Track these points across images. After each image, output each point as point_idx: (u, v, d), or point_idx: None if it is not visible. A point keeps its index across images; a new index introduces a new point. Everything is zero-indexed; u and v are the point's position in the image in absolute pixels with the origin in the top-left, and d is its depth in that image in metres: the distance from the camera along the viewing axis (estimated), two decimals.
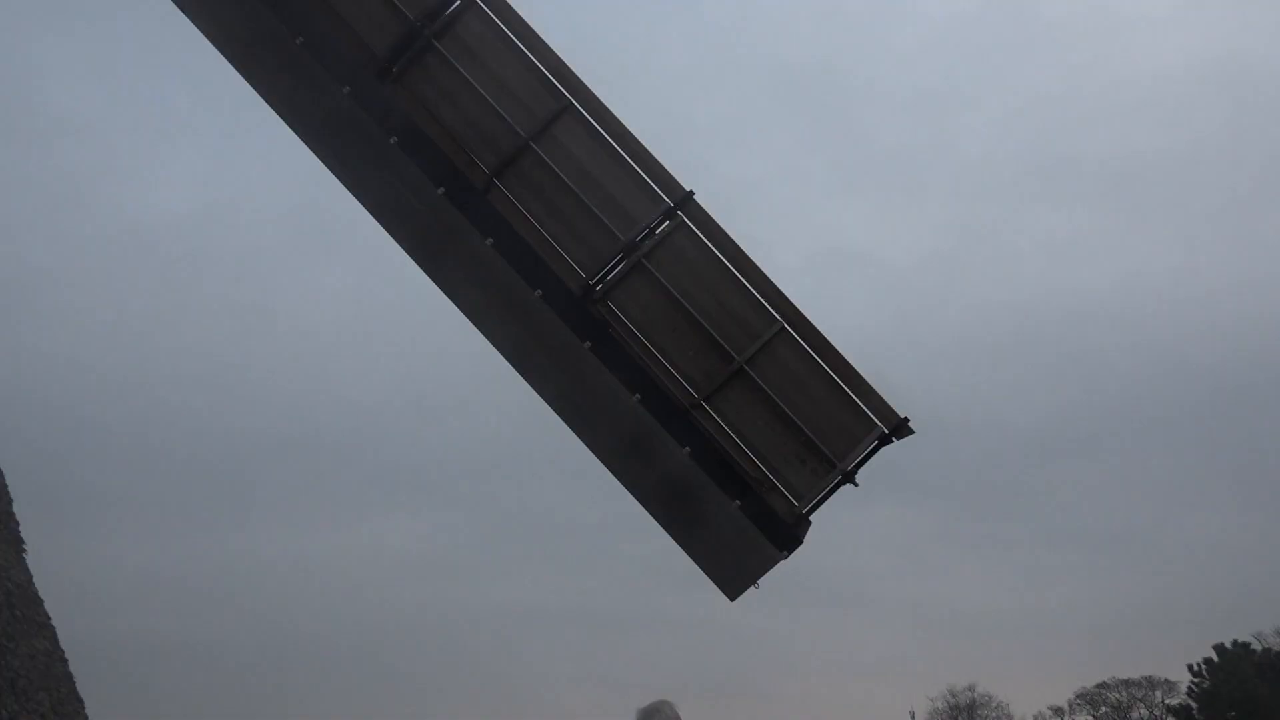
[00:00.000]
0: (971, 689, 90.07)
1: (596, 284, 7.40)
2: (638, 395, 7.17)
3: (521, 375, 7.52)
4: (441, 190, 7.40)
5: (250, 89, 7.78)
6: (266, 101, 7.75)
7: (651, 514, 7.41)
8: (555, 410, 7.52)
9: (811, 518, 7.19)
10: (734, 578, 7.39)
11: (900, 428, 7.04)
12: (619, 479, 7.47)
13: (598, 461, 7.50)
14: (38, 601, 7.25)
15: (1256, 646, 26.85)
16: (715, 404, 7.21)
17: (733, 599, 7.42)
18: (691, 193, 7.32)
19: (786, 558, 7.12)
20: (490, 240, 7.34)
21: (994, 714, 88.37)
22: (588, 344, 7.23)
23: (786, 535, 7.09)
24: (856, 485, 7.07)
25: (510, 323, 7.52)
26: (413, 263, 7.69)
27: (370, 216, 7.75)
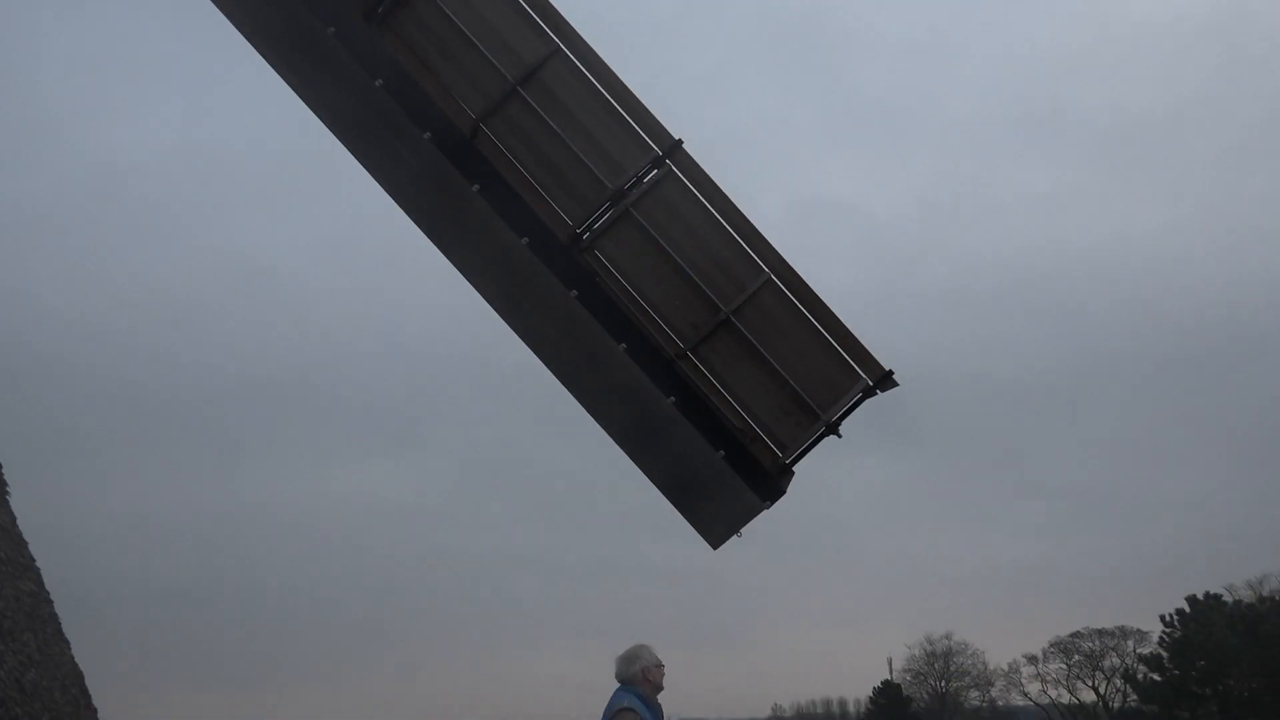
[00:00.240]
0: (948, 637, 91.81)
1: (584, 232, 7.35)
2: (624, 345, 7.17)
3: (507, 323, 7.51)
4: (427, 135, 7.30)
5: (235, 30, 7.63)
6: (249, 41, 7.61)
7: (636, 463, 7.45)
8: (540, 359, 7.52)
9: (794, 468, 7.24)
10: (716, 527, 7.46)
11: (884, 380, 7.08)
12: (603, 428, 7.50)
13: (582, 411, 7.53)
14: (21, 544, 7.26)
15: (1228, 599, 27.37)
16: (701, 354, 7.22)
17: (715, 548, 7.50)
18: (680, 141, 7.26)
19: (769, 507, 7.19)
20: (477, 186, 7.27)
21: (970, 662, 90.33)
22: (574, 293, 7.20)
23: (769, 485, 7.15)
24: (840, 437, 7.12)
25: (496, 270, 7.49)
26: (398, 208, 7.62)
27: (355, 161, 7.66)
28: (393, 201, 7.65)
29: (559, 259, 7.27)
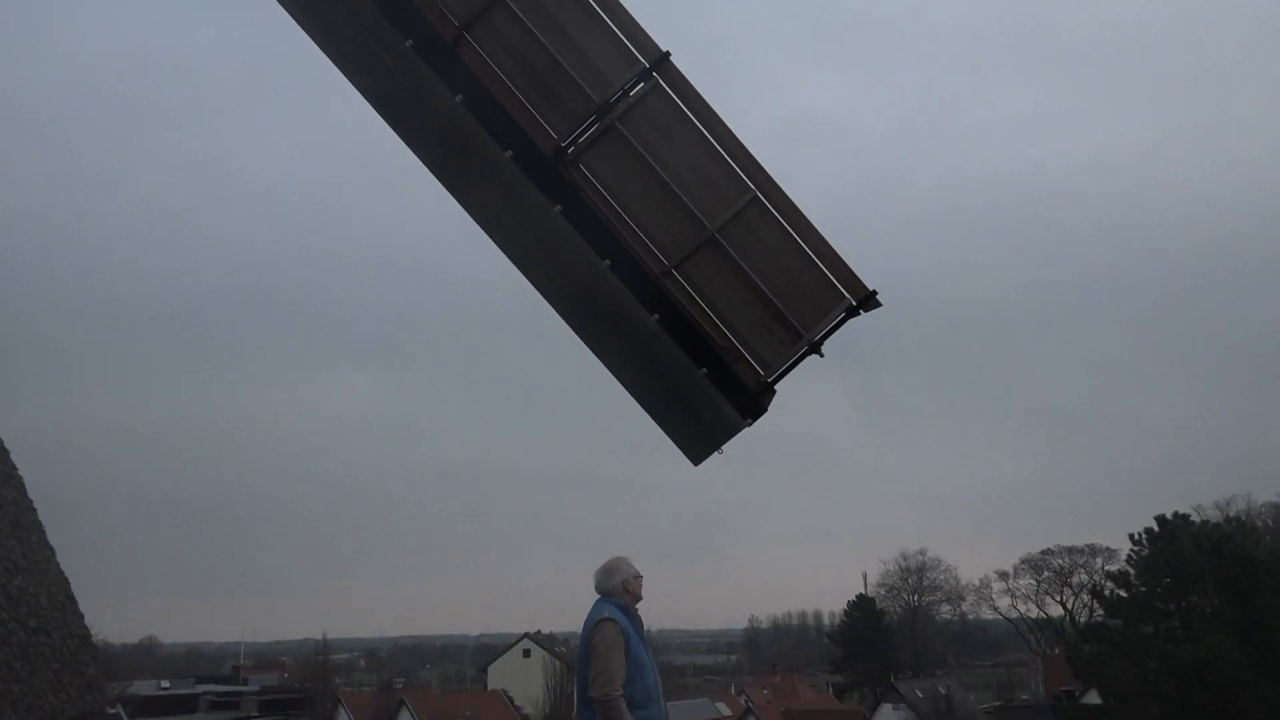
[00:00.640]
0: (922, 553, 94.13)
1: (568, 146, 7.24)
2: (608, 261, 7.12)
3: (489, 236, 7.43)
4: (410, 43, 7.13)
5: None
6: None
7: (618, 379, 7.47)
8: (523, 273, 7.46)
9: (776, 387, 7.28)
10: (698, 444, 7.52)
11: (868, 300, 7.08)
12: (586, 344, 7.49)
13: (564, 327, 7.51)
14: (3, 452, 7.25)
15: (1196, 519, 27.99)
16: (685, 272, 7.19)
17: (696, 464, 7.57)
18: (668, 53, 7.11)
19: (750, 425, 7.24)
20: (460, 98, 7.13)
21: (942, 577, 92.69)
22: (558, 207, 7.12)
23: (751, 403, 7.19)
24: (822, 356, 7.15)
25: (479, 183, 7.38)
26: (378, 117, 7.47)
27: (334, 68, 7.47)
28: (372, 109, 7.49)
29: (543, 173, 7.17)
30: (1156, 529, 27.40)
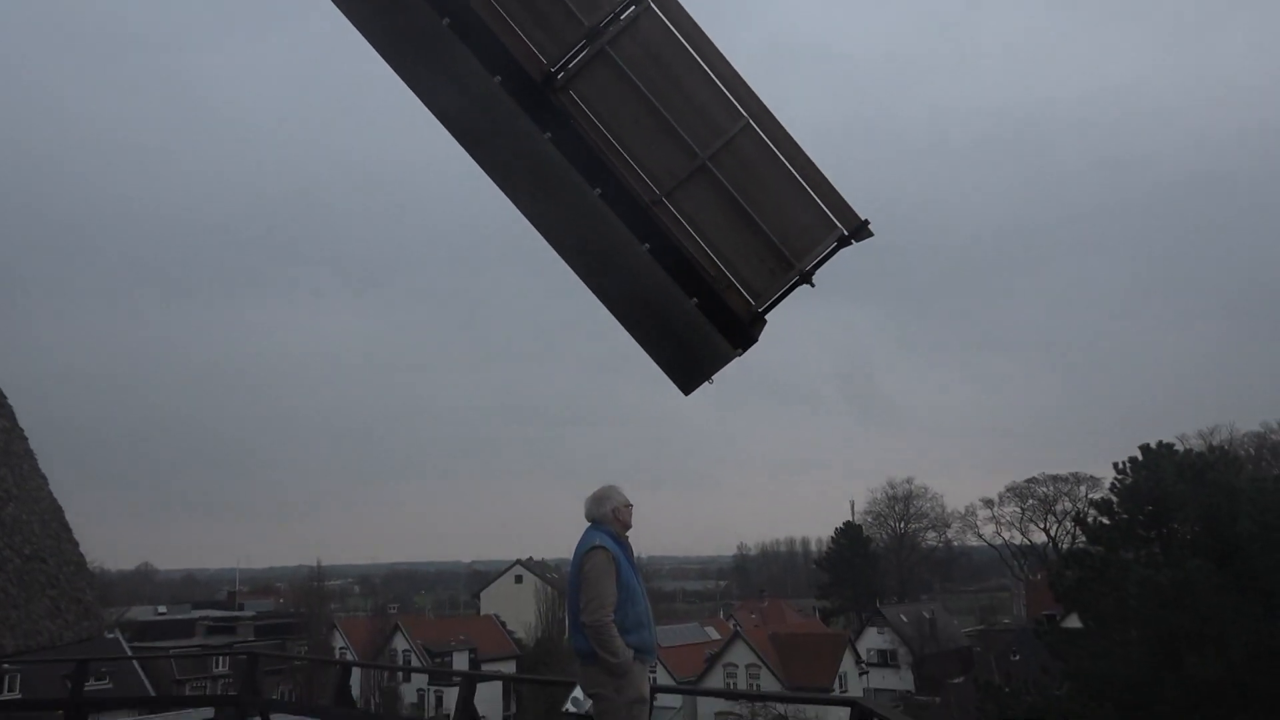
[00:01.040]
0: (909, 481, 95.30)
1: (558, 72, 7.11)
2: (598, 189, 7.05)
3: (477, 163, 7.33)
4: None
5: None
6: None
7: (609, 309, 7.44)
8: (513, 202, 7.38)
9: (767, 317, 7.27)
10: (688, 373, 7.53)
11: (860, 230, 7.03)
12: (577, 274, 7.45)
13: (553, 257, 7.46)
14: None
15: (1180, 447, 28.31)
16: (676, 200, 7.12)
17: (687, 394, 7.59)
18: None
19: (741, 355, 7.25)
20: (447, 20, 6.97)
21: (929, 505, 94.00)
22: (548, 135, 7.02)
23: (742, 333, 7.19)
24: (813, 286, 7.13)
25: (467, 109, 7.25)
26: (362, 39, 7.31)
27: None
28: (355, 33, 7.33)
29: (532, 100, 7.05)
30: (1140, 458, 27.73)
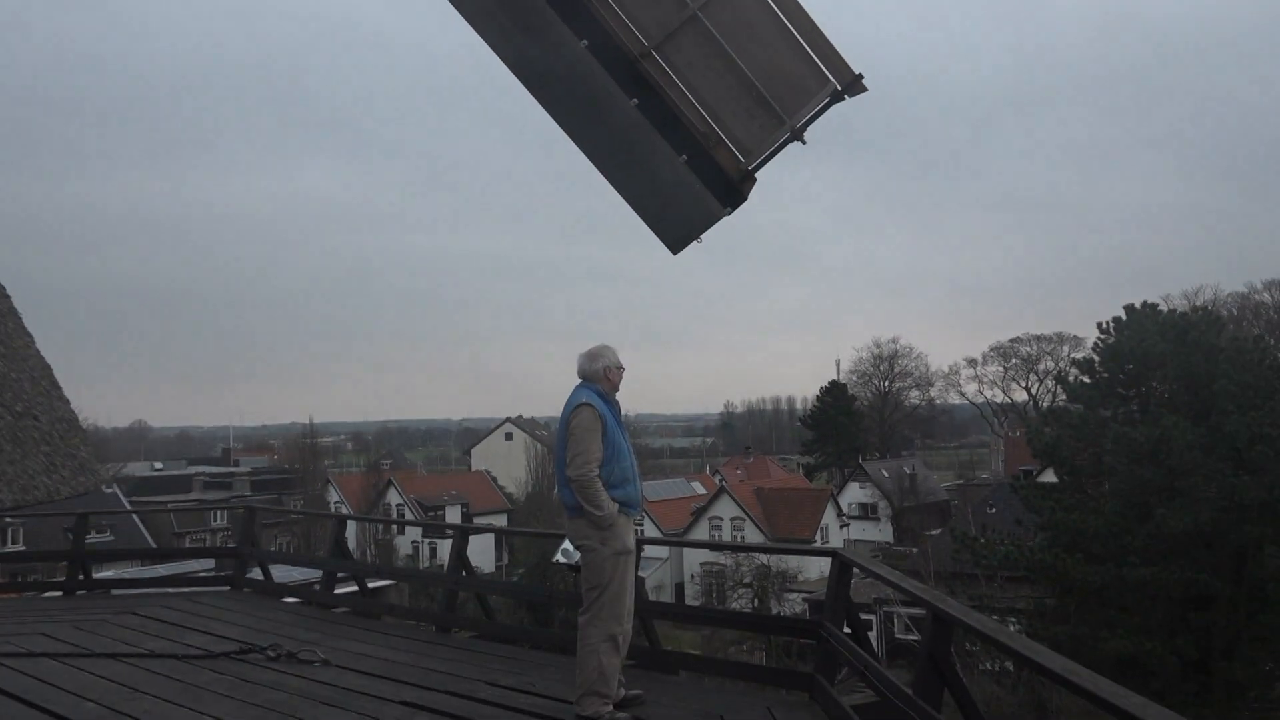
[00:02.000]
0: (895, 341, 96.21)
1: None
2: (585, 41, 6.81)
3: (463, 16, 7.07)
4: None
5: None
6: None
7: (596, 166, 7.31)
8: (497, 54, 7.15)
9: (757, 175, 7.16)
10: (677, 232, 7.45)
11: (853, 84, 6.85)
12: (563, 129, 7.28)
13: (538, 112, 7.27)
14: None
15: (1164, 308, 28.50)
16: (665, 53, 6.90)
17: (675, 253, 7.53)
18: None
19: (730, 214, 7.16)
20: None
21: (913, 364, 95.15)
22: None
23: (731, 192, 7.08)
24: (804, 143, 6.99)
25: None
26: None
27: None
28: None
29: None
30: (1124, 318, 27.96)
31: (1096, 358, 28.65)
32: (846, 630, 6.65)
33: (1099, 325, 28.63)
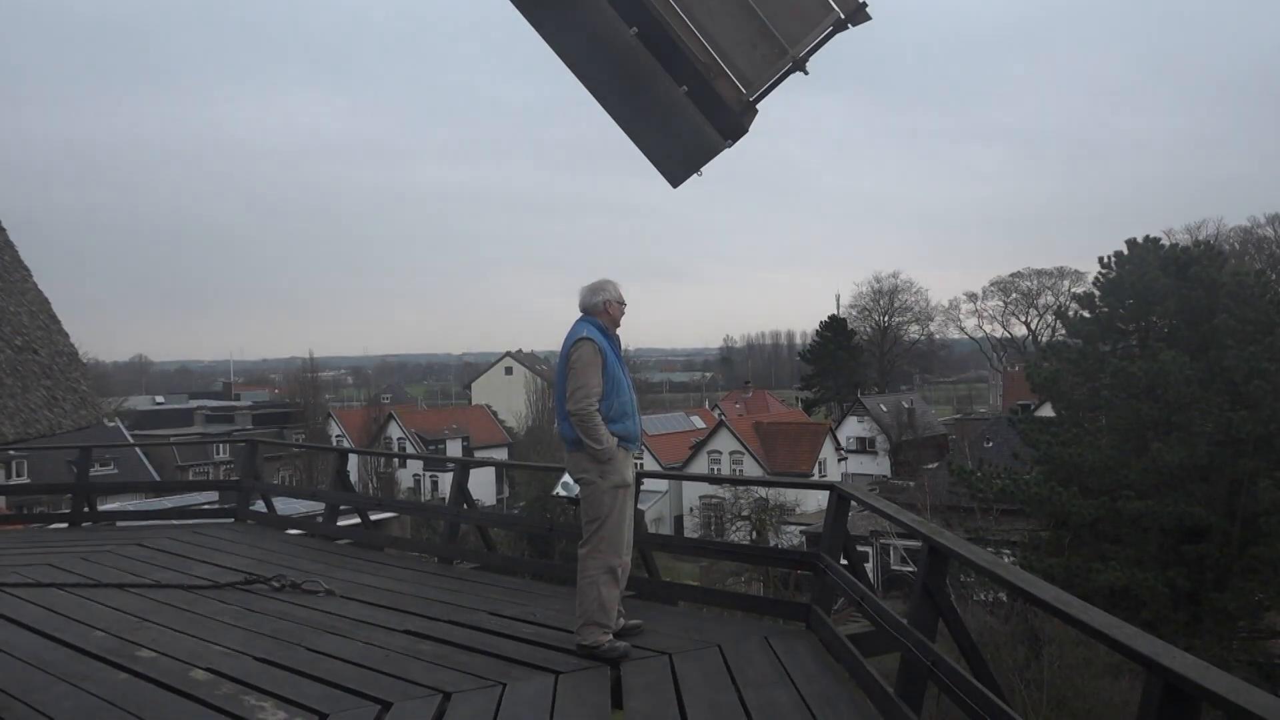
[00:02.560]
0: (895, 276, 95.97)
1: None
2: None
3: None
4: None
5: None
6: None
7: (594, 96, 7.20)
8: None
9: (759, 106, 7.05)
10: (676, 165, 7.36)
11: (858, 12, 6.71)
12: (562, 59, 7.16)
13: (536, 39, 7.14)
14: None
15: (1166, 243, 28.33)
16: None
17: (675, 186, 7.45)
18: None
19: (731, 146, 7.07)
20: None
21: (913, 299, 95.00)
22: None
23: (732, 123, 6.98)
24: (806, 74, 6.87)
25: None
26: None
27: None
28: None
29: None
30: (1126, 252, 27.82)
31: (1097, 292, 28.57)
32: (843, 562, 6.74)
33: (1100, 260, 28.50)
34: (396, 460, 64.12)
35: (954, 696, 4.23)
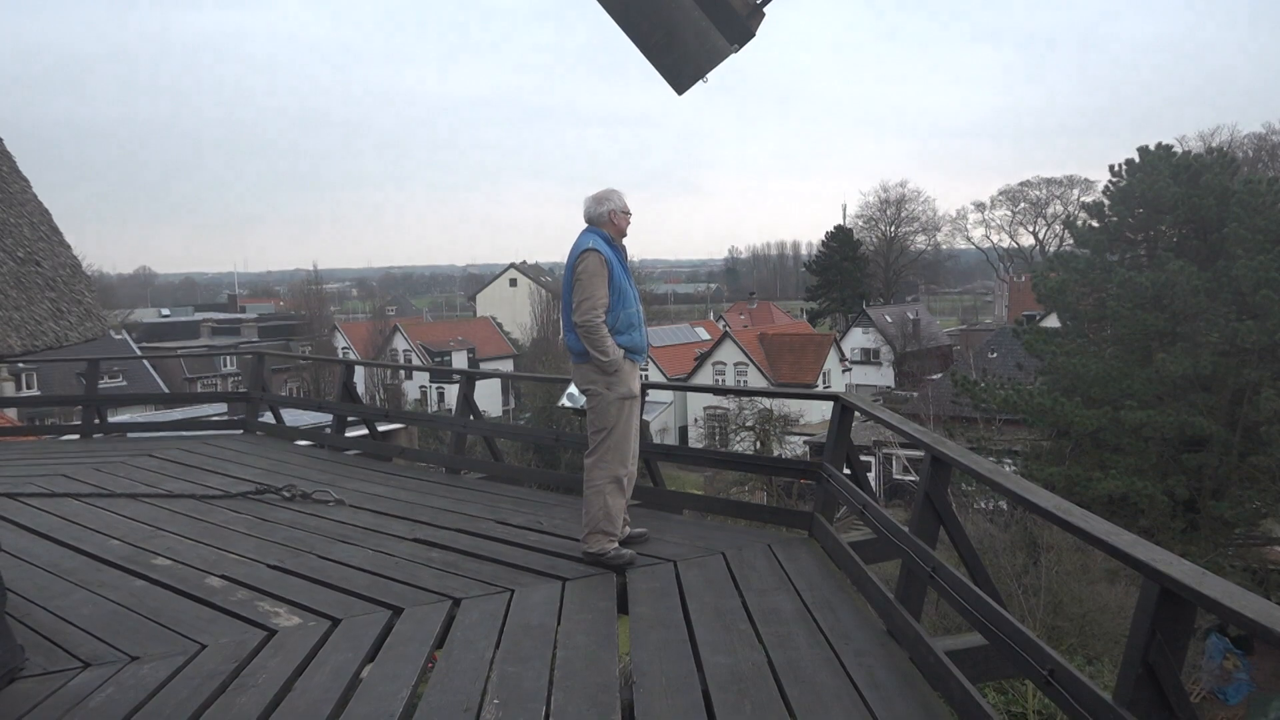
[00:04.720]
0: (903, 185, 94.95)
1: None
2: None
3: None
4: None
5: None
6: None
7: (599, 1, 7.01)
8: None
9: (765, 9, 6.87)
10: (682, 71, 7.21)
11: None
12: None
13: None
14: None
15: (1179, 150, 27.82)
16: None
17: (680, 93, 7.30)
18: None
19: (737, 51, 6.90)
20: None
21: (920, 209, 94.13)
22: None
23: (739, 27, 6.81)
24: None
25: None
26: None
27: None
28: None
29: None
30: (1137, 160, 27.38)
31: (1106, 201, 28.21)
32: (846, 472, 6.80)
33: (1110, 168, 28.06)
34: (403, 372, 64.43)
35: (953, 601, 4.31)
